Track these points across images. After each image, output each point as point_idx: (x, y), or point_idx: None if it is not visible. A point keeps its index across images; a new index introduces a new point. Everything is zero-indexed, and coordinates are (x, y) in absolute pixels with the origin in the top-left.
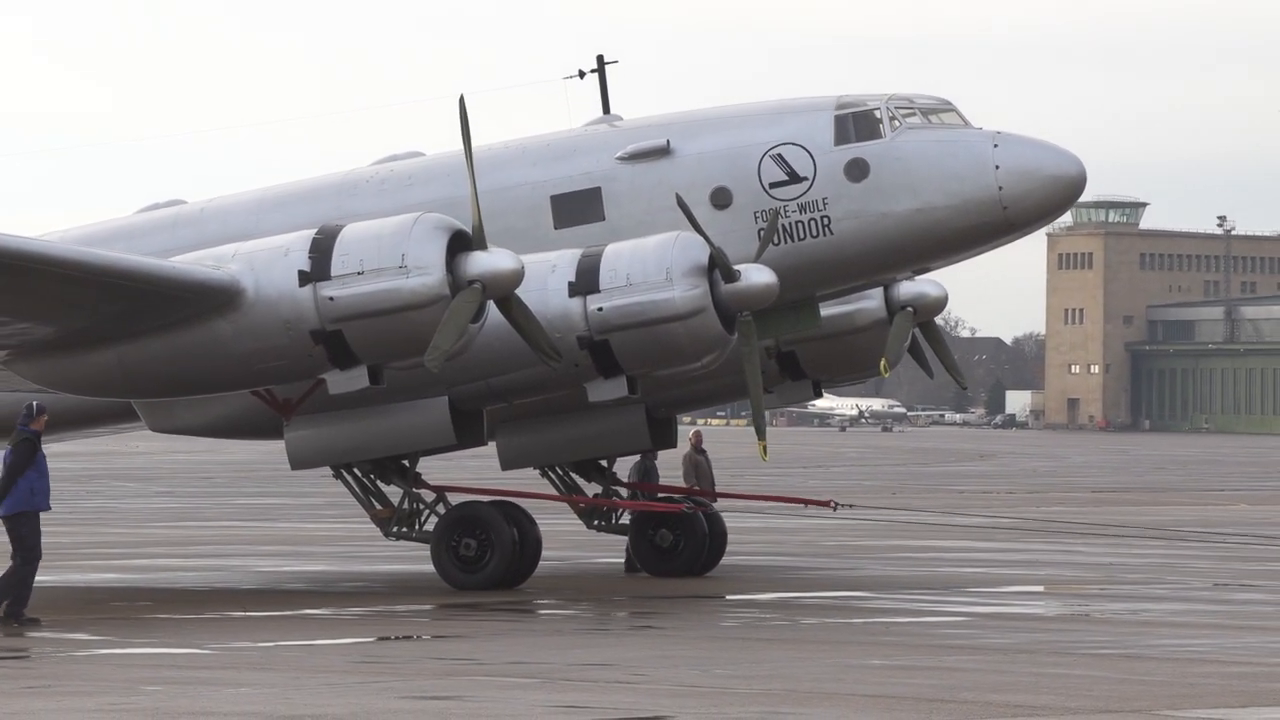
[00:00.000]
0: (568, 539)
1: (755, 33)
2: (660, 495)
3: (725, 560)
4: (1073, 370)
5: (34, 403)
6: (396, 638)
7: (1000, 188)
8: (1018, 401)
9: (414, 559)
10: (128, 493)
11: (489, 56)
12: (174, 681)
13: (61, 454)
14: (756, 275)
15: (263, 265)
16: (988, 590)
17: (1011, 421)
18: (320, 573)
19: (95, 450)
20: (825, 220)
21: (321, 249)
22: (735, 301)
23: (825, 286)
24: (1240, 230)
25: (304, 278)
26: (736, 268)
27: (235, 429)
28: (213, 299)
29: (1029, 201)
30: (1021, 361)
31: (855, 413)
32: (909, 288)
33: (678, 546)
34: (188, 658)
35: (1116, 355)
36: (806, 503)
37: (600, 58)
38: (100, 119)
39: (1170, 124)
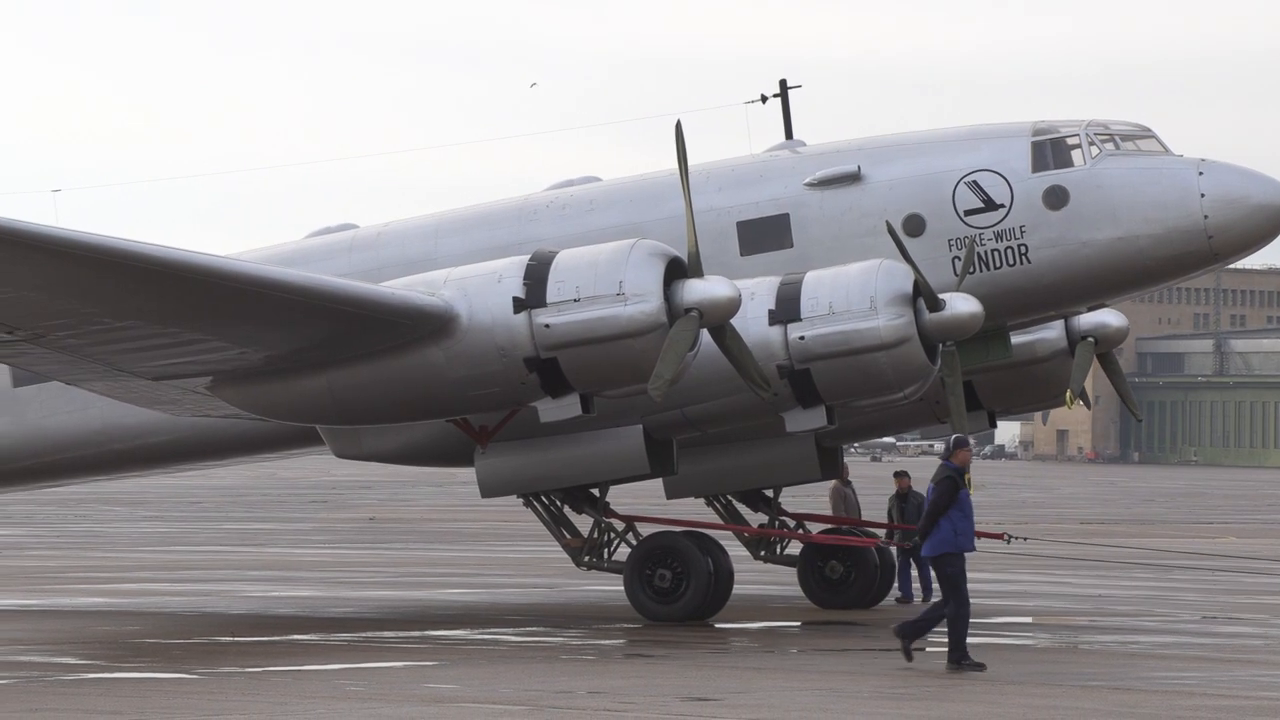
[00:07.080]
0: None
1: (926, 64)
2: (833, 528)
3: None
4: None
5: (955, 436)
6: (385, 664)
7: (1206, 216)
8: (1007, 432)
9: (402, 584)
10: (115, 517)
11: (660, 82)
12: (161, 707)
13: None
14: (962, 304)
15: (476, 291)
16: (977, 621)
17: (1001, 452)
18: (308, 598)
19: None
20: (1023, 249)
21: (536, 275)
22: (939, 331)
23: (1020, 316)
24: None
25: (519, 304)
26: (940, 296)
27: (424, 455)
28: (427, 325)
29: (1235, 231)
30: None
31: None
32: (1089, 318)
33: (849, 578)
34: (175, 683)
35: (1106, 387)
36: (979, 535)
37: (783, 82)
38: (251, 148)
39: None
